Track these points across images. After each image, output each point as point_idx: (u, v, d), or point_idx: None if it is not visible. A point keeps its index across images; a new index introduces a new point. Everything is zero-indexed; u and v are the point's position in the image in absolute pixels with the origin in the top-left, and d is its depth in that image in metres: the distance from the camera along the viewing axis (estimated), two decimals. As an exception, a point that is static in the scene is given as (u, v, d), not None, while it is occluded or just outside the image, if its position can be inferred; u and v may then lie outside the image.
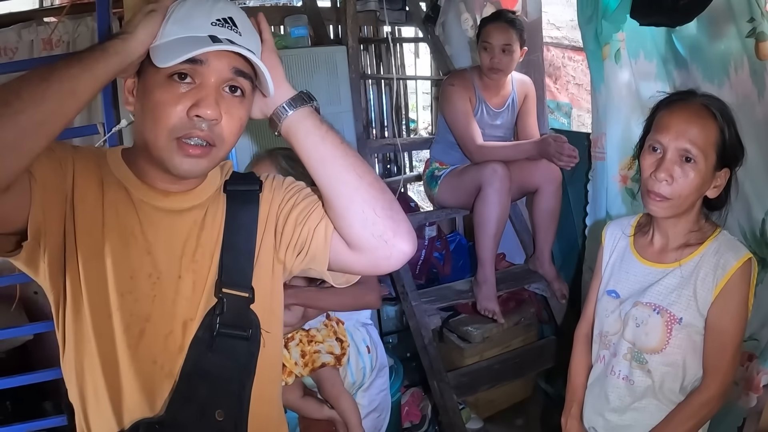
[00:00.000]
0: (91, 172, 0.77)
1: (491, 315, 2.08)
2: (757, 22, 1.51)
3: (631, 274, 1.21)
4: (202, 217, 0.82)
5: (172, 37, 0.72)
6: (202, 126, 0.72)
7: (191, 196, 0.82)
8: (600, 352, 1.26)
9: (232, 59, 0.73)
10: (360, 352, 1.71)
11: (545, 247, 2.17)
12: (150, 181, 0.79)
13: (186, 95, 0.71)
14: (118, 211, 0.77)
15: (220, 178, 0.86)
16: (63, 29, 2.51)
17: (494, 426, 2.29)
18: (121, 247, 0.76)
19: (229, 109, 0.74)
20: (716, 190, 1.10)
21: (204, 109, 0.71)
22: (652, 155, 1.09)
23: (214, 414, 0.76)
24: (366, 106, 3.43)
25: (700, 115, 1.06)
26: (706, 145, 1.05)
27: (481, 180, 1.99)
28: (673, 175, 1.06)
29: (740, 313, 1.08)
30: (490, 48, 2.07)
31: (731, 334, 1.09)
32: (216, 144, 0.74)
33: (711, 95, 1.12)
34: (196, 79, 0.72)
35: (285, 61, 2.08)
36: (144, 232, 0.78)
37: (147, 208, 0.79)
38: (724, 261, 1.08)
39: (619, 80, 1.87)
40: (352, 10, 2.27)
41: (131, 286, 0.75)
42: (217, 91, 0.73)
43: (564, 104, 2.94)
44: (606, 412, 1.22)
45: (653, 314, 1.14)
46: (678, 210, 1.10)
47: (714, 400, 1.12)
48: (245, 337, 0.79)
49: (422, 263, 2.49)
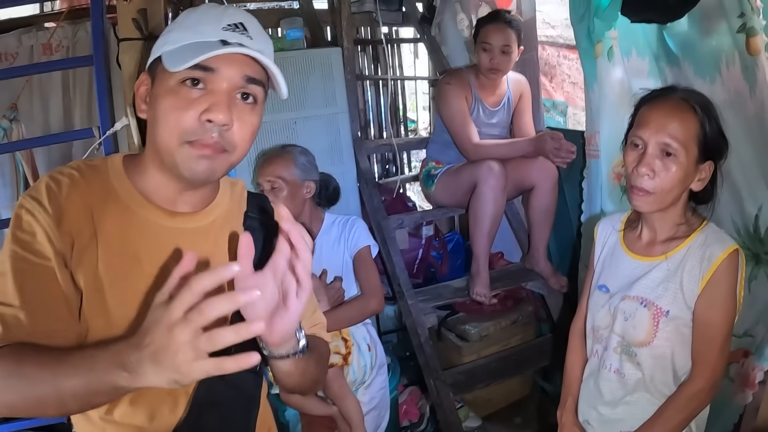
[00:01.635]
0: (77, 212, 0.74)
1: (483, 298, 2.07)
2: (748, 17, 1.50)
3: (620, 268, 1.22)
4: (213, 241, 0.81)
5: (183, 42, 0.72)
6: (213, 132, 0.71)
7: (199, 217, 0.81)
8: (593, 347, 1.27)
9: (243, 66, 0.73)
10: (361, 350, 1.74)
11: (540, 245, 2.17)
12: (156, 200, 0.78)
13: (198, 100, 0.71)
14: (119, 239, 0.75)
15: (229, 199, 0.86)
16: (62, 34, 2.54)
17: (493, 424, 2.29)
18: (124, 276, 0.74)
19: (241, 115, 0.73)
20: (701, 183, 1.10)
21: (216, 113, 0.70)
22: (634, 151, 1.10)
23: None
24: (364, 107, 3.45)
25: (679, 109, 1.06)
26: (687, 138, 1.05)
27: (477, 178, 2.00)
28: (655, 169, 1.06)
29: (727, 304, 1.08)
30: (490, 49, 2.08)
31: (719, 326, 1.08)
32: (228, 149, 0.73)
33: (691, 89, 1.13)
34: (208, 85, 0.72)
35: (280, 63, 2.11)
36: (149, 254, 0.76)
37: (152, 228, 0.77)
38: (710, 253, 1.08)
39: (612, 78, 1.87)
40: (347, 12, 2.29)
41: (136, 312, 0.74)
42: (229, 97, 0.72)
43: (560, 102, 2.94)
44: (599, 405, 1.23)
45: (640, 307, 1.14)
46: (662, 204, 1.10)
47: (703, 393, 1.12)
48: (254, 370, 0.81)
49: (419, 262, 2.50)
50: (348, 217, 1.81)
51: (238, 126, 0.74)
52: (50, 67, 2.25)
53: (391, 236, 2.15)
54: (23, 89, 2.13)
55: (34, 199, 0.72)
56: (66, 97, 2.66)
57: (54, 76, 2.59)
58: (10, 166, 2.38)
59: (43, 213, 0.71)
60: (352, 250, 1.73)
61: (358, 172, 2.30)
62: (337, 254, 1.73)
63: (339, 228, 1.76)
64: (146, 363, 0.56)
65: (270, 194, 1.67)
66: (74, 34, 2.56)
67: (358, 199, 2.32)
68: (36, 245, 0.70)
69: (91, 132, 1.60)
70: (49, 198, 0.72)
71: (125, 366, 0.57)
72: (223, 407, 0.79)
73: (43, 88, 2.62)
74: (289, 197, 1.67)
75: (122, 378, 0.58)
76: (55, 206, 0.72)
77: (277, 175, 1.66)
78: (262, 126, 2.46)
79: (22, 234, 0.70)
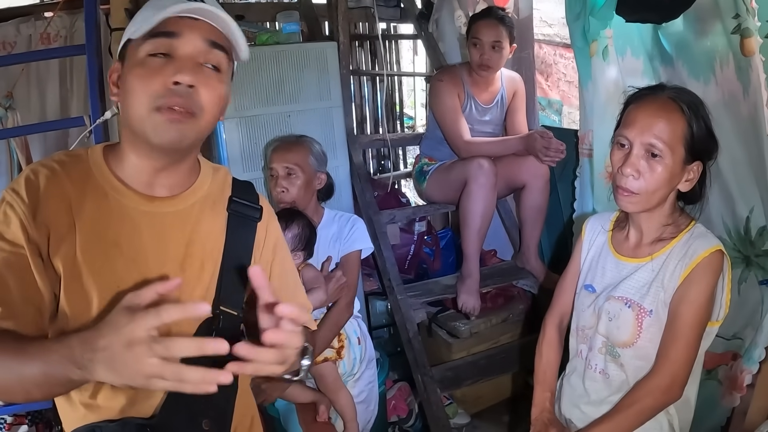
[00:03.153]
0: (55, 204, 0.76)
1: (469, 311, 2.06)
2: (743, 18, 1.50)
3: (606, 269, 1.21)
4: (192, 225, 0.83)
5: (146, 20, 0.75)
6: (180, 92, 0.73)
7: (177, 201, 0.83)
8: (578, 347, 1.26)
9: (204, 32, 0.76)
10: (351, 343, 1.74)
11: (532, 243, 2.17)
12: (134, 185, 0.80)
13: (164, 67, 0.74)
14: (97, 226, 0.77)
15: (210, 183, 0.87)
16: (60, 23, 2.54)
17: (481, 422, 2.29)
18: (103, 262, 0.76)
19: (207, 81, 0.76)
20: (688, 183, 1.08)
21: (182, 75, 0.73)
22: (620, 151, 1.08)
23: (202, 423, 0.79)
24: (360, 103, 3.45)
25: (666, 109, 1.03)
26: (673, 139, 1.03)
27: (467, 175, 2.00)
28: (640, 169, 1.04)
29: (699, 302, 1.05)
30: (480, 44, 2.07)
31: (686, 322, 1.06)
32: (195, 112, 0.75)
33: (681, 88, 1.10)
34: (173, 53, 0.75)
35: (275, 56, 2.13)
36: (129, 239, 0.78)
37: (131, 214, 0.79)
38: (692, 250, 1.07)
39: (607, 77, 1.87)
40: (343, 7, 2.29)
41: (119, 295, 0.76)
42: (193, 61, 0.75)
43: (555, 101, 2.94)
44: (582, 404, 1.23)
45: (625, 308, 1.13)
46: (648, 205, 1.08)
47: (659, 390, 1.07)
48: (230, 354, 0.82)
49: (411, 258, 2.50)
50: (350, 215, 1.82)
51: (204, 90, 0.76)
52: (44, 55, 2.26)
53: (383, 231, 2.15)
54: (20, 78, 2.13)
55: (14, 191, 0.75)
56: (63, 87, 2.66)
57: (51, 65, 2.59)
58: (5, 154, 2.39)
59: (21, 204, 0.74)
60: (344, 249, 1.73)
61: (351, 166, 2.30)
62: (333, 249, 1.73)
63: (339, 224, 1.76)
64: (99, 365, 0.57)
65: (284, 180, 1.68)
66: (72, 24, 2.57)
67: (351, 194, 2.32)
68: (9, 234, 0.73)
69: (82, 120, 1.61)
70: (27, 190, 0.75)
71: (77, 363, 0.59)
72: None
73: (40, 77, 2.62)
74: (304, 186, 1.69)
75: (75, 374, 0.59)
76: (33, 198, 0.75)
77: (296, 162, 1.68)
78: (256, 118, 2.46)
79: (0, 225, 0.74)
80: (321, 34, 2.50)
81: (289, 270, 0.98)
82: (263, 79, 2.09)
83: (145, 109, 0.73)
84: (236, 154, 2.09)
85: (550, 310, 1.35)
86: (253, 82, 2.07)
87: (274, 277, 0.92)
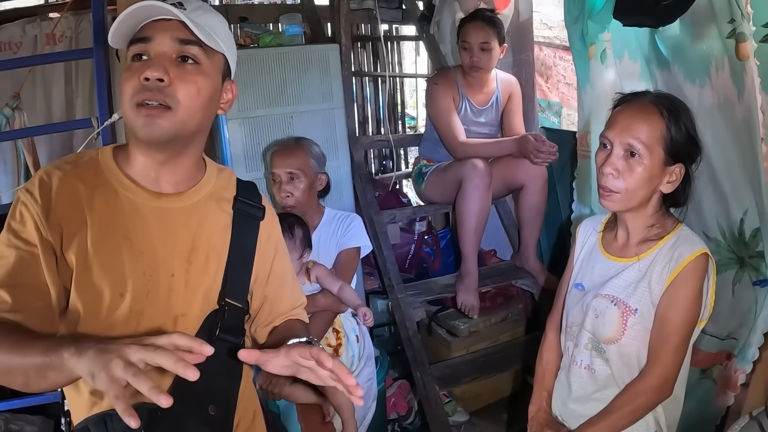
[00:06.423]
0: (67, 203, 0.80)
1: (468, 311, 2.10)
2: (738, 23, 1.51)
3: (596, 268, 1.24)
4: (198, 220, 0.88)
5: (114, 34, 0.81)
6: (150, 87, 0.78)
7: (183, 197, 0.87)
8: (566, 343, 1.29)
9: (174, 30, 0.80)
10: (350, 340, 1.77)
11: (530, 243, 2.19)
12: (142, 182, 0.85)
13: (140, 68, 0.79)
14: (108, 221, 0.82)
15: (215, 182, 0.92)
16: (66, 24, 2.57)
17: (480, 419, 2.31)
18: (114, 255, 0.81)
19: (183, 75, 0.80)
20: (670, 185, 1.11)
21: (150, 71, 0.77)
22: (602, 151, 1.12)
23: (208, 408, 0.84)
24: (363, 103, 3.48)
25: (645, 111, 1.07)
26: (651, 139, 1.06)
27: (462, 176, 2.03)
28: (619, 168, 1.08)
29: (687, 305, 1.09)
30: (469, 47, 2.11)
31: (675, 325, 1.09)
32: (171, 106, 0.78)
33: (664, 93, 1.14)
34: (148, 55, 0.80)
35: (278, 58, 2.16)
36: (138, 233, 0.83)
37: (140, 209, 0.84)
38: (679, 253, 1.10)
39: (605, 80, 1.89)
40: (345, 9, 2.31)
41: (128, 286, 0.81)
42: (165, 58, 0.79)
43: (554, 103, 2.96)
44: (569, 401, 1.26)
45: (611, 305, 1.16)
46: (629, 203, 1.11)
47: (651, 391, 1.12)
48: (237, 343, 0.87)
49: (411, 257, 2.53)
50: (348, 213, 1.85)
51: (180, 84, 0.79)
52: (52, 58, 2.29)
53: (383, 231, 2.18)
54: (26, 78, 2.17)
55: (28, 191, 0.80)
56: (68, 87, 2.70)
57: (57, 67, 2.63)
58: (12, 155, 2.43)
59: (35, 204, 0.79)
60: (340, 246, 1.76)
61: (352, 166, 2.33)
62: (332, 248, 1.76)
63: (337, 223, 1.79)
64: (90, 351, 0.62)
65: (288, 185, 1.71)
66: (78, 24, 2.60)
67: (352, 194, 2.35)
68: (25, 234, 0.78)
69: (89, 122, 1.64)
70: (41, 191, 0.80)
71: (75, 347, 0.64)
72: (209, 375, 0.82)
73: (46, 78, 2.66)
74: (307, 189, 1.73)
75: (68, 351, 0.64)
76: (45, 198, 0.79)
77: (298, 167, 1.71)
78: (260, 119, 2.47)
79: (15, 224, 0.79)
80: (324, 36, 2.53)
81: (288, 267, 1.03)
82: (266, 80, 2.12)
83: (129, 108, 0.79)
84: (239, 155, 2.12)
85: (552, 313, 1.38)
86: (256, 83, 2.10)
87: (274, 273, 0.97)
